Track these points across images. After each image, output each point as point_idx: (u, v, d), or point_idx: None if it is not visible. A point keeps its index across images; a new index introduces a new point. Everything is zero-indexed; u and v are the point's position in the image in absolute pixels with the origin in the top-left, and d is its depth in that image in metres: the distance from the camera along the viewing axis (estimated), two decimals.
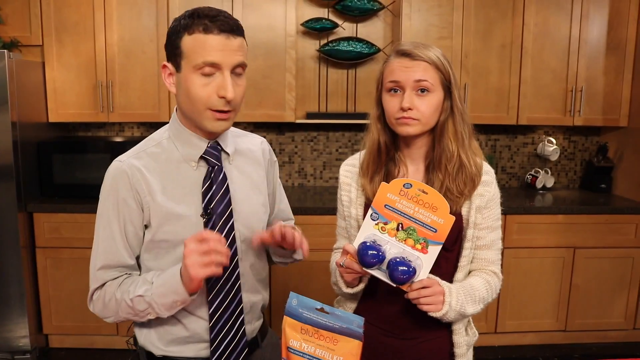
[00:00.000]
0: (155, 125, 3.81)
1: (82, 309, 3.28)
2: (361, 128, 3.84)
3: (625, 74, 3.57)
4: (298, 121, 3.56)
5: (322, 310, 1.18)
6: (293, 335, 1.17)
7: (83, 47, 3.36)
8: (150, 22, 3.35)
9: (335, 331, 1.16)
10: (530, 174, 3.91)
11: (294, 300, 1.19)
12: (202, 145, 1.37)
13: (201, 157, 1.38)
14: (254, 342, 1.52)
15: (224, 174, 1.39)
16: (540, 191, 3.84)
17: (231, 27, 1.26)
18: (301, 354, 1.17)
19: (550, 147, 3.80)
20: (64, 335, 3.40)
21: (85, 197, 3.33)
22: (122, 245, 1.35)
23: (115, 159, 1.38)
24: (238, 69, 1.29)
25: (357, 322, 1.16)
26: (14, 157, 3.05)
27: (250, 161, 1.50)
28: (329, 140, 3.89)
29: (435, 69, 1.39)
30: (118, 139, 3.53)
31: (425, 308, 1.32)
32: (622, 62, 3.56)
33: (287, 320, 1.18)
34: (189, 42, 1.26)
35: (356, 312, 1.54)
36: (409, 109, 1.38)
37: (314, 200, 3.44)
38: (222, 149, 1.41)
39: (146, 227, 1.36)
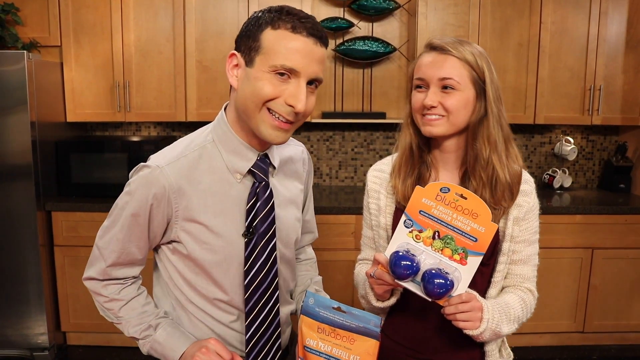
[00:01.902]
0: (171, 125, 3.84)
1: None
2: (377, 128, 3.85)
3: None
4: (314, 121, 3.56)
5: (338, 309, 1.17)
6: (310, 334, 1.17)
7: (100, 47, 3.39)
8: (166, 23, 3.37)
9: (352, 330, 1.15)
10: (547, 174, 3.87)
11: (311, 299, 1.19)
12: (252, 156, 1.26)
13: (248, 171, 1.26)
14: (286, 349, 1.47)
15: (270, 190, 1.28)
16: (558, 191, 3.80)
17: (320, 33, 1.16)
18: (318, 353, 1.17)
19: (568, 147, 3.76)
20: (81, 333, 3.43)
21: (102, 196, 3.36)
22: (138, 248, 1.28)
23: (154, 163, 1.22)
24: (313, 84, 1.19)
25: (374, 322, 1.16)
26: (33, 157, 3.09)
27: (291, 173, 1.41)
28: (344, 139, 3.88)
29: (465, 65, 1.29)
30: (135, 139, 3.56)
31: (461, 325, 1.21)
32: None
33: (303, 319, 1.18)
34: (272, 37, 1.14)
35: (382, 329, 1.45)
36: (432, 106, 1.29)
37: (329, 199, 3.44)
38: (271, 162, 1.30)
39: (174, 241, 1.27)
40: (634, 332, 3.50)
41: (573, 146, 3.76)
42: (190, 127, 3.78)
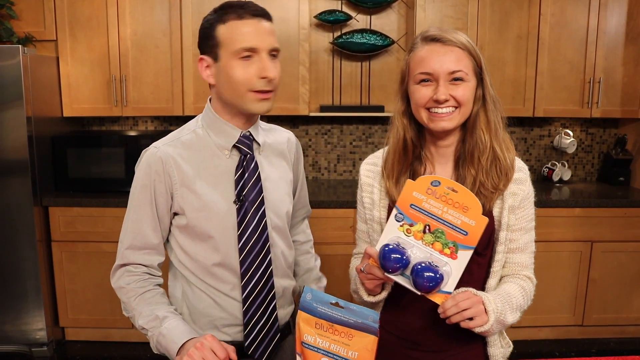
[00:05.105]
0: (168, 119, 3.82)
1: (97, 302, 3.30)
2: (375, 121, 3.84)
3: None
4: (312, 114, 3.54)
5: (336, 304, 1.16)
6: (307, 330, 1.16)
7: (96, 41, 3.36)
8: (163, 16, 3.34)
9: (350, 326, 1.14)
10: (546, 167, 3.86)
11: (308, 294, 1.18)
12: (235, 134, 1.41)
13: (234, 146, 1.41)
14: (287, 327, 1.55)
15: (256, 162, 1.43)
16: (557, 184, 3.79)
17: (262, 11, 1.33)
18: (315, 349, 1.15)
19: (567, 140, 3.74)
20: (79, 328, 3.43)
21: (99, 191, 3.35)
22: (151, 228, 1.40)
23: (151, 145, 1.41)
24: (273, 52, 1.34)
25: (373, 317, 1.14)
26: (29, 152, 3.08)
27: (277, 153, 1.53)
28: (343, 133, 3.87)
29: (468, 55, 1.27)
30: (132, 133, 3.54)
31: (471, 324, 1.17)
32: None
33: (301, 315, 1.17)
34: (224, 30, 1.31)
35: (380, 323, 1.46)
36: (446, 100, 1.25)
37: (327, 193, 3.43)
38: (254, 139, 1.45)
39: (176, 214, 1.40)
40: (633, 326, 3.50)
41: (572, 139, 3.74)
42: (188, 121, 3.75)
